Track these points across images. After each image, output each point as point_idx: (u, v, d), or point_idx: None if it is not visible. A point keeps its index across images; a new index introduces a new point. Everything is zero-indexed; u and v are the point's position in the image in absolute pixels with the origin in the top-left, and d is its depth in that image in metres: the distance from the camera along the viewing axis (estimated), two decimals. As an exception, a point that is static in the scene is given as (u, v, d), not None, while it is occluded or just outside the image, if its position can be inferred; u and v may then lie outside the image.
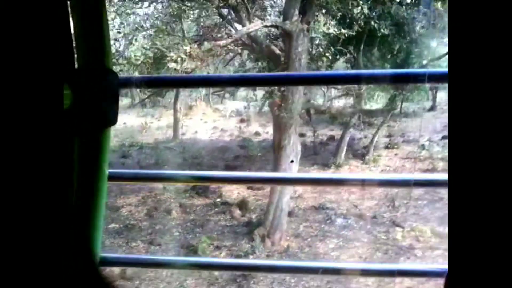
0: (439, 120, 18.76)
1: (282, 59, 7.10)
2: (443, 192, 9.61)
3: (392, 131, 16.80)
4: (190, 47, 6.11)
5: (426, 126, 17.60)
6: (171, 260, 1.39)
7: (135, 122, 16.74)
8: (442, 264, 0.84)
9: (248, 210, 8.30)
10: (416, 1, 8.97)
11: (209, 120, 17.32)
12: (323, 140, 15.39)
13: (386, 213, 8.55)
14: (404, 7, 8.18)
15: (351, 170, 11.43)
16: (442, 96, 23.95)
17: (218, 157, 12.55)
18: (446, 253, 0.67)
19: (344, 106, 12.07)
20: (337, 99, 11.84)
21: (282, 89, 6.47)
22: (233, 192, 9.86)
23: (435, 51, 9.61)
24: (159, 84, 2.22)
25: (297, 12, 6.22)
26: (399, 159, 12.37)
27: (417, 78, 1.05)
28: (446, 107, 17.13)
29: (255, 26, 6.23)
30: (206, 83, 1.73)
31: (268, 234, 6.94)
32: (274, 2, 8.83)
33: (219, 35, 7.88)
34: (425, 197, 9.45)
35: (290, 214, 8.36)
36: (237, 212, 8.01)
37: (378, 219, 8.24)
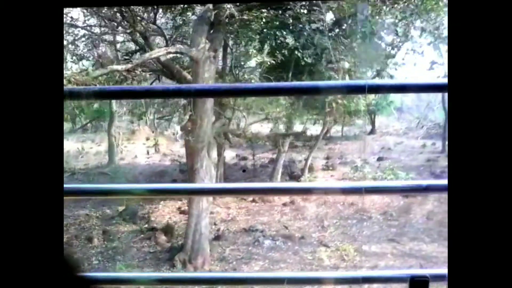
0: (377, 143, 19.49)
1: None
2: (373, 212, 9.82)
3: (332, 153, 17.18)
4: (71, 72, 6.02)
5: (362, 148, 18.16)
6: (152, 277, 1.35)
7: (73, 147, 16.07)
8: (405, 270, 0.83)
9: (174, 235, 8.03)
10: (338, 32, 9.41)
11: (151, 145, 16.94)
12: (264, 163, 15.43)
13: (315, 233, 8.57)
14: (326, 37, 8.53)
15: (288, 191, 11.47)
16: (381, 120, 24.96)
17: (154, 181, 12.21)
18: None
19: (270, 130, 12.10)
20: (260, 123, 11.89)
21: (190, 113, 6.44)
22: (164, 217, 9.56)
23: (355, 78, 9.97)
24: (108, 95, 2.06)
25: (204, 40, 6.31)
26: (335, 180, 12.58)
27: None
28: (385, 131, 17.76)
29: (158, 53, 6.23)
30: (155, 94, 1.64)
31: (190, 259, 6.70)
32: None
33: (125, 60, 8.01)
34: (354, 216, 9.62)
35: (218, 237, 8.18)
36: (162, 238, 7.72)
37: (307, 240, 8.24)
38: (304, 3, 8.13)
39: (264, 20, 7.52)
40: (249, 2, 5.56)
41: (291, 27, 8.32)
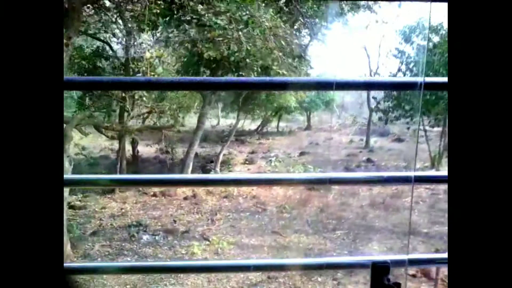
0: (309, 138, 19.61)
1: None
2: (271, 204, 9.73)
3: (259, 148, 17.10)
4: None
5: (294, 144, 18.19)
6: (139, 266, 1.42)
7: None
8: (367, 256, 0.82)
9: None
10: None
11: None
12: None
13: (202, 227, 8.36)
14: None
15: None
16: (323, 117, 25.23)
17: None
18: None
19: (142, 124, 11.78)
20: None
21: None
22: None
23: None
24: (109, 86, 2.02)
25: None
26: (248, 173, 12.44)
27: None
28: (319, 127, 17.83)
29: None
30: (153, 85, 1.48)
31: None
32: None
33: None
34: (250, 209, 9.50)
35: (94, 233, 7.81)
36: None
37: (190, 234, 8.01)
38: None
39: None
40: None
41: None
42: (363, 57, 17.70)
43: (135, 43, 8.87)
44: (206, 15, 7.25)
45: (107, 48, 10.69)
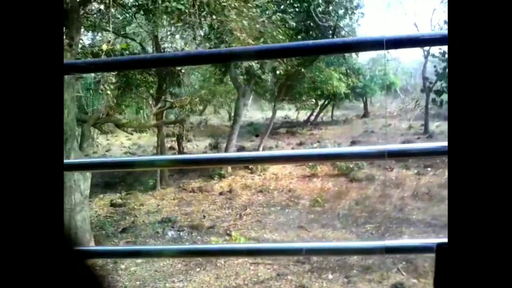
0: (365, 126, 18.67)
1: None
2: (305, 198, 9.40)
3: (309, 139, 16.69)
4: None
5: (347, 133, 17.46)
6: (151, 250, 1.39)
7: None
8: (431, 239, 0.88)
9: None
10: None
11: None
12: (234, 151, 15.17)
13: (229, 222, 8.30)
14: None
15: (235, 180, 11.23)
16: (377, 103, 23.87)
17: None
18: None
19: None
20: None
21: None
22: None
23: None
24: (112, 67, 1.95)
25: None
26: (290, 167, 12.13)
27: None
28: (378, 113, 17.19)
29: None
30: (160, 62, 1.45)
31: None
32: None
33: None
34: (282, 204, 9.24)
35: (124, 230, 8.11)
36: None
37: (214, 229, 7.98)
38: None
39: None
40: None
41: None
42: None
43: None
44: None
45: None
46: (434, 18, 15.08)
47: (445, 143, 0.85)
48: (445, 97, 12.38)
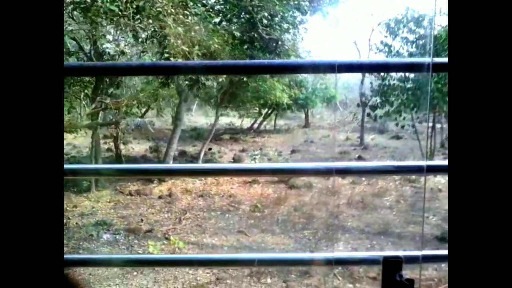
0: (305, 136, 19.24)
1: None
2: (246, 203, 9.47)
3: (251, 146, 16.85)
4: None
5: (289, 142, 17.87)
6: (141, 258, 1.42)
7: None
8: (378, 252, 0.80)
9: None
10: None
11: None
12: (175, 155, 14.88)
13: (168, 226, 8.16)
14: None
15: (175, 184, 11.05)
16: (318, 115, 24.78)
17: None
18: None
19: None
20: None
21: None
22: None
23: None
24: (112, 71, 1.97)
25: None
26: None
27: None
28: (318, 124, 17.56)
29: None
30: (163, 70, 1.57)
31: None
32: None
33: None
34: (223, 208, 9.25)
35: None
36: None
37: (153, 233, 7.81)
38: None
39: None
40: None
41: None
42: (352, 52, 17.24)
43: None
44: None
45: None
46: (372, 38, 15.99)
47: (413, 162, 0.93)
48: (379, 111, 13.16)
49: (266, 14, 10.22)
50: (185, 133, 17.56)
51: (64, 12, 8.76)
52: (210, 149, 14.77)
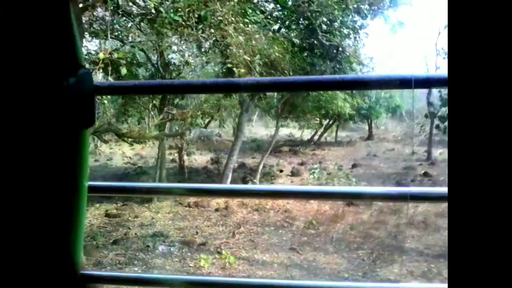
0: (368, 149, 18.58)
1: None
2: (301, 219, 9.33)
3: (311, 159, 16.62)
4: None
5: (350, 155, 17.38)
6: (160, 278, 1.32)
7: None
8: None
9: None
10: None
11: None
12: (234, 168, 15.12)
13: (221, 239, 8.25)
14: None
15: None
16: (382, 126, 23.82)
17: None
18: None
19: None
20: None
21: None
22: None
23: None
24: (143, 90, 1.83)
25: None
26: (289, 185, 12.07)
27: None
28: (382, 136, 17.11)
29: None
30: (192, 89, 1.44)
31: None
32: None
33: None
34: (277, 224, 9.18)
35: (116, 242, 8.08)
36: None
37: (206, 246, 7.92)
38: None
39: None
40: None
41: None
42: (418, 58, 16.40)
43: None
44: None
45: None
46: (439, 41, 15.03)
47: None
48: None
49: (325, 19, 10.04)
50: (245, 144, 17.73)
51: (132, 23, 9.30)
52: (281, 171, 14.53)
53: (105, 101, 6.40)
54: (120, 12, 7.90)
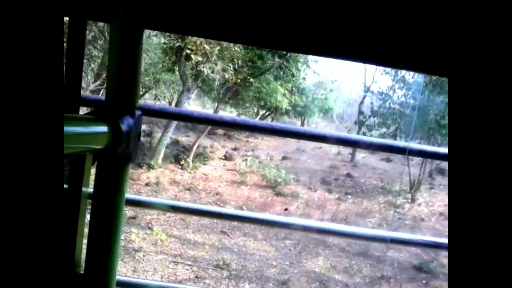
0: (298, 144, 19.31)
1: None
2: (231, 203, 9.52)
3: (245, 146, 16.88)
4: None
5: (281, 148, 17.96)
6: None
7: None
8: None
9: None
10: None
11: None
12: (168, 143, 14.84)
13: (152, 215, 8.17)
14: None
15: (164, 173, 11.06)
16: (313, 124, 24.94)
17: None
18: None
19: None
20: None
21: None
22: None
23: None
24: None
25: None
26: (221, 171, 12.24)
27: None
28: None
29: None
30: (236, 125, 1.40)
31: None
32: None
33: None
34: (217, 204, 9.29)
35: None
36: None
37: (136, 220, 7.82)
38: None
39: None
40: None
41: None
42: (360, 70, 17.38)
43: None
44: None
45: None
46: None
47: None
48: (374, 132, 13.32)
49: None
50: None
51: None
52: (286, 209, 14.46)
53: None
54: None
